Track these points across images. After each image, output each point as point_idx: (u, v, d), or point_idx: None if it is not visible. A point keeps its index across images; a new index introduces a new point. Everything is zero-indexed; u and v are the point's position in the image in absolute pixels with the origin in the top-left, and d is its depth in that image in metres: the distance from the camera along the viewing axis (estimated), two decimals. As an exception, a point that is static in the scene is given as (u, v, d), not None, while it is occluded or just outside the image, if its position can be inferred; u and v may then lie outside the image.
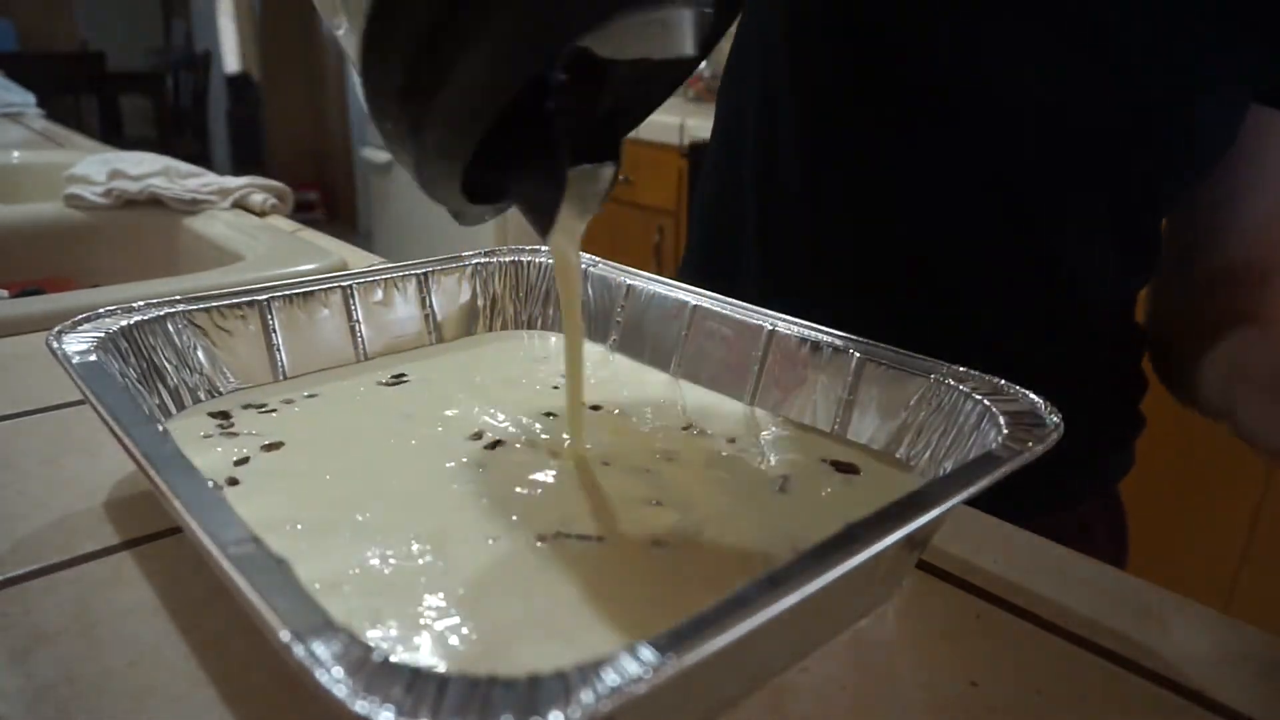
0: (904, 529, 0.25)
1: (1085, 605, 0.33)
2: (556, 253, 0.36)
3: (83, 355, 0.35)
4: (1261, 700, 0.29)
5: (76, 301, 0.61)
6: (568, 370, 0.37)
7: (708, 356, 0.46)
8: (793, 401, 0.42)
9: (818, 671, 0.29)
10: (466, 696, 0.18)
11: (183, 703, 0.27)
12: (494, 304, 0.52)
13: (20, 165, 1.20)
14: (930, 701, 0.28)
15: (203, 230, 0.87)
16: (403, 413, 0.41)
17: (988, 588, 0.34)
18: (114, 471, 0.40)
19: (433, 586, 0.28)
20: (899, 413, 0.38)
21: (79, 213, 0.92)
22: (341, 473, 0.35)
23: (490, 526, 0.32)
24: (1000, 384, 0.35)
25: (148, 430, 0.29)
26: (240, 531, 0.23)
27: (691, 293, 0.47)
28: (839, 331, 0.41)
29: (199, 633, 0.30)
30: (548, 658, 0.25)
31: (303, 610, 0.20)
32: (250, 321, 0.43)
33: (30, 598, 0.31)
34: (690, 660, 0.19)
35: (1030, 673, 0.30)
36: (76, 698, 0.27)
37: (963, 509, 0.33)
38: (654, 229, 2.08)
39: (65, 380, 0.34)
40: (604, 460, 0.37)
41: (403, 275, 0.49)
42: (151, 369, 0.39)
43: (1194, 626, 0.33)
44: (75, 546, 0.34)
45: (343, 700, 0.17)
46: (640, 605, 0.28)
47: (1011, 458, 0.30)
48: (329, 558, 0.29)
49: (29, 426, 0.45)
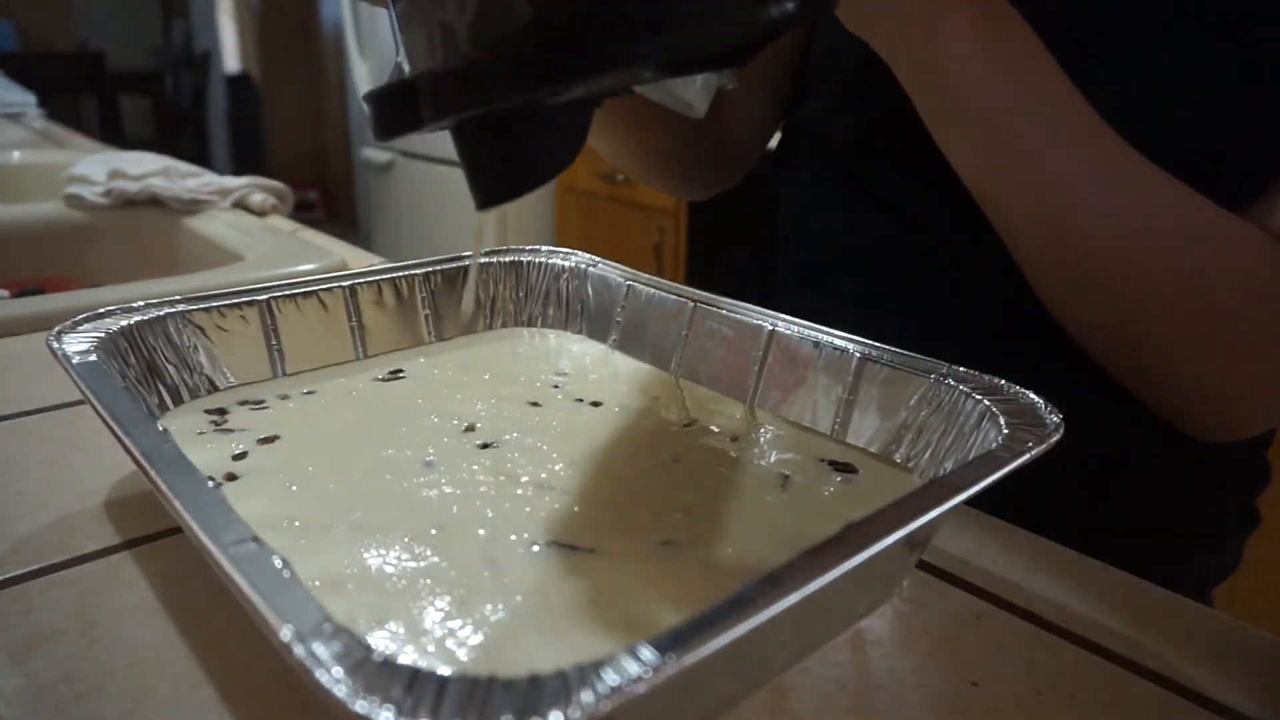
0: (904, 529, 0.24)
1: (1085, 605, 0.33)
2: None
3: (83, 355, 0.35)
4: (1262, 700, 0.29)
5: (76, 301, 0.61)
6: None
7: (708, 356, 0.46)
8: (793, 401, 0.42)
9: (818, 671, 0.29)
10: (466, 696, 0.18)
11: (183, 703, 0.27)
12: (494, 303, 0.52)
13: (20, 165, 1.20)
14: (930, 701, 0.28)
15: (203, 230, 0.87)
16: (398, 409, 0.41)
17: (988, 588, 0.34)
18: (114, 471, 0.40)
19: (431, 586, 0.28)
20: (899, 413, 0.38)
21: (79, 213, 0.92)
22: (337, 469, 0.35)
23: (489, 524, 0.32)
24: (1000, 384, 0.35)
25: (147, 430, 0.29)
26: (240, 531, 0.23)
27: (692, 293, 0.47)
28: (839, 331, 0.41)
29: (199, 633, 0.30)
30: (548, 658, 0.25)
31: (303, 610, 0.20)
32: (250, 321, 0.43)
33: (30, 598, 0.31)
34: (690, 660, 0.19)
35: (1030, 673, 0.30)
36: (76, 698, 0.27)
37: (963, 509, 0.33)
38: (654, 229, 2.08)
39: (65, 380, 0.34)
40: (604, 459, 0.37)
41: (403, 275, 0.49)
42: (151, 369, 0.39)
43: (1194, 626, 0.33)
44: (75, 546, 0.34)
45: (343, 700, 0.17)
46: (640, 605, 0.28)
47: (1012, 458, 0.30)
48: (326, 556, 0.29)
49: (29, 426, 0.45)
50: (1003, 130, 0.39)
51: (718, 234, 1.97)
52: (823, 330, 0.42)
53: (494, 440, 0.39)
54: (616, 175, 2.15)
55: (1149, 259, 0.39)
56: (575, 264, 0.53)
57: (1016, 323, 0.47)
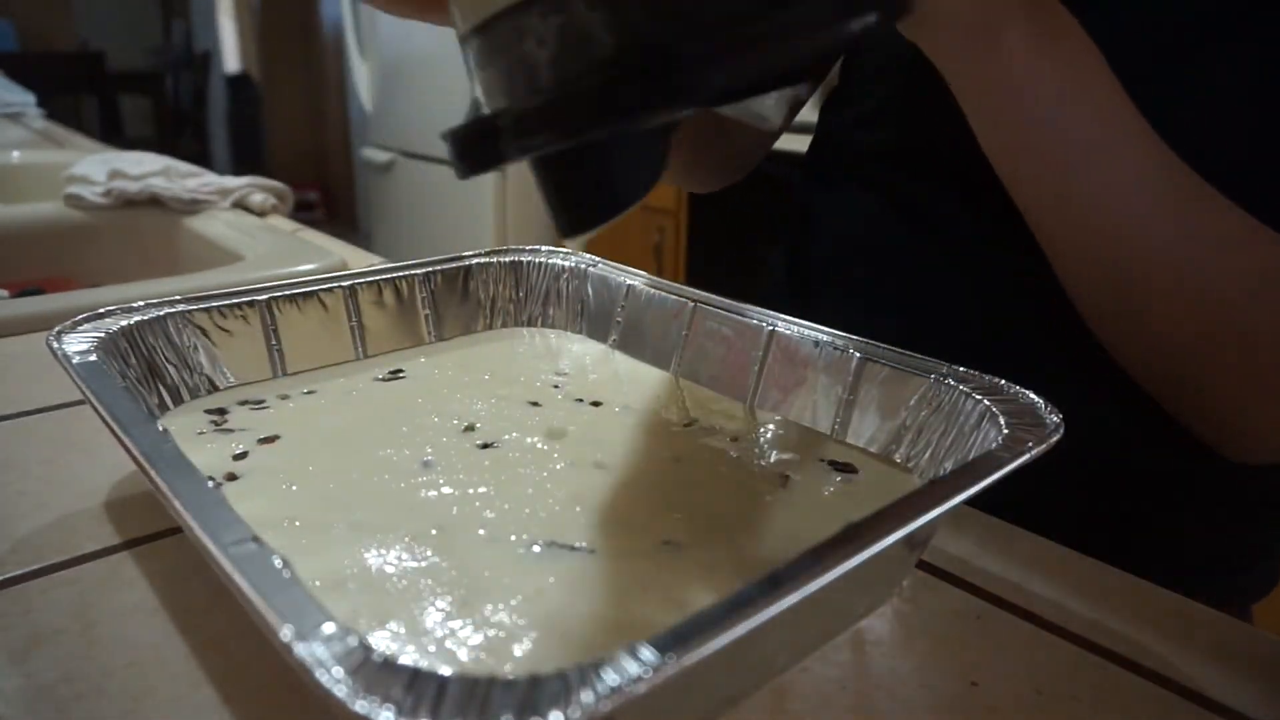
0: (904, 529, 0.24)
1: (1085, 605, 0.33)
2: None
3: (83, 355, 0.35)
4: (1261, 700, 0.29)
5: (76, 301, 0.61)
6: None
7: (708, 356, 0.46)
8: (793, 401, 0.42)
9: (818, 671, 0.29)
10: (466, 696, 0.18)
11: (183, 703, 0.27)
12: (494, 304, 0.52)
13: (20, 165, 1.20)
14: (930, 701, 0.28)
15: (203, 230, 0.87)
16: (399, 408, 0.41)
17: (988, 588, 0.34)
18: (114, 471, 0.40)
19: (431, 586, 0.28)
20: (899, 413, 0.38)
21: (79, 213, 0.92)
22: (338, 469, 0.35)
23: (489, 524, 0.32)
24: (1000, 384, 0.35)
25: (147, 430, 0.29)
26: (240, 531, 0.23)
27: (692, 293, 0.47)
28: (839, 331, 0.41)
29: (199, 633, 0.30)
30: (548, 658, 0.25)
31: (303, 610, 0.20)
32: (250, 321, 0.43)
33: (30, 598, 0.31)
34: (690, 660, 0.19)
35: (1030, 673, 0.30)
36: (76, 698, 0.27)
37: (963, 509, 0.33)
38: (654, 229, 2.08)
39: (65, 380, 0.34)
40: (604, 459, 0.37)
41: (403, 275, 0.49)
42: (151, 369, 0.39)
43: (1194, 627, 0.33)
44: (75, 546, 0.34)
45: (343, 700, 0.17)
46: (640, 605, 0.28)
47: (1012, 458, 0.30)
48: (327, 556, 0.29)
49: (29, 426, 0.45)
50: (1064, 162, 0.38)
51: (718, 234, 1.96)
52: (823, 330, 0.42)
53: (494, 440, 0.39)
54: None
55: (1209, 314, 0.38)
56: (575, 264, 0.53)
57: (1029, 331, 0.47)
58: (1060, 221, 0.39)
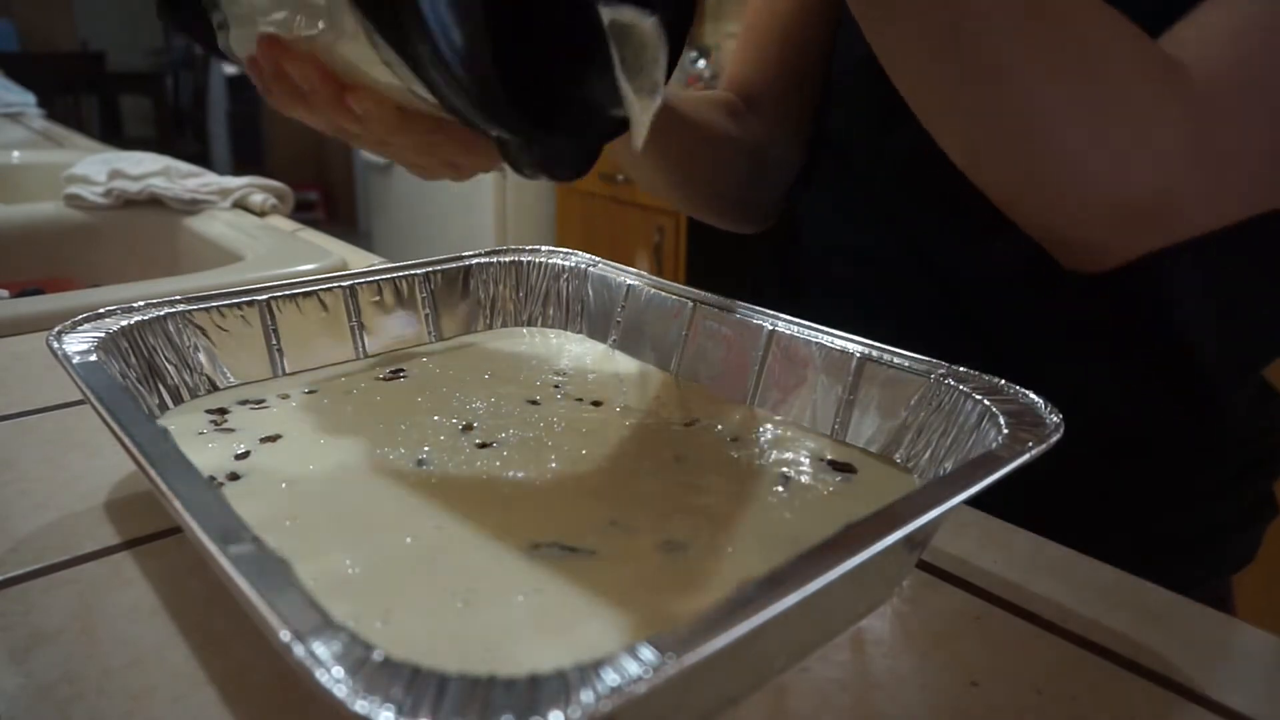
0: (904, 529, 0.24)
1: (1085, 605, 0.33)
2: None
3: (83, 355, 0.35)
4: (1261, 700, 0.29)
5: (76, 301, 0.61)
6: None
7: (708, 356, 0.46)
8: (793, 401, 0.42)
9: (818, 671, 0.29)
10: (466, 696, 0.18)
11: (183, 703, 0.27)
12: (494, 303, 0.52)
13: (20, 165, 1.20)
14: (930, 701, 0.28)
15: (203, 230, 0.87)
16: (399, 408, 0.41)
17: (988, 588, 0.34)
18: (114, 471, 0.40)
19: (431, 585, 0.28)
20: (899, 413, 0.38)
21: (79, 213, 0.92)
22: (338, 468, 0.35)
23: (489, 524, 0.32)
24: (1000, 384, 0.35)
25: (147, 430, 0.29)
26: (240, 531, 0.23)
27: (692, 293, 0.47)
28: (839, 332, 0.41)
29: (199, 633, 0.30)
30: (548, 658, 0.25)
31: (303, 610, 0.20)
32: (250, 321, 0.43)
33: (30, 598, 0.31)
34: (690, 660, 0.19)
35: (1030, 673, 0.30)
36: (76, 697, 0.27)
37: (963, 509, 0.33)
38: (654, 229, 2.08)
39: (65, 380, 0.34)
40: (604, 459, 0.37)
41: (403, 275, 0.49)
42: (151, 369, 0.39)
43: (1194, 626, 0.33)
44: (75, 546, 0.34)
45: (343, 700, 0.17)
46: (640, 605, 0.28)
47: (1012, 458, 0.30)
48: (326, 556, 0.29)
49: (29, 426, 0.45)
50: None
51: (718, 234, 1.97)
52: (823, 330, 0.42)
53: (494, 440, 0.39)
54: (616, 175, 2.15)
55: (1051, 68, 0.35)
56: (575, 264, 0.53)
57: (1019, 340, 0.47)
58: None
